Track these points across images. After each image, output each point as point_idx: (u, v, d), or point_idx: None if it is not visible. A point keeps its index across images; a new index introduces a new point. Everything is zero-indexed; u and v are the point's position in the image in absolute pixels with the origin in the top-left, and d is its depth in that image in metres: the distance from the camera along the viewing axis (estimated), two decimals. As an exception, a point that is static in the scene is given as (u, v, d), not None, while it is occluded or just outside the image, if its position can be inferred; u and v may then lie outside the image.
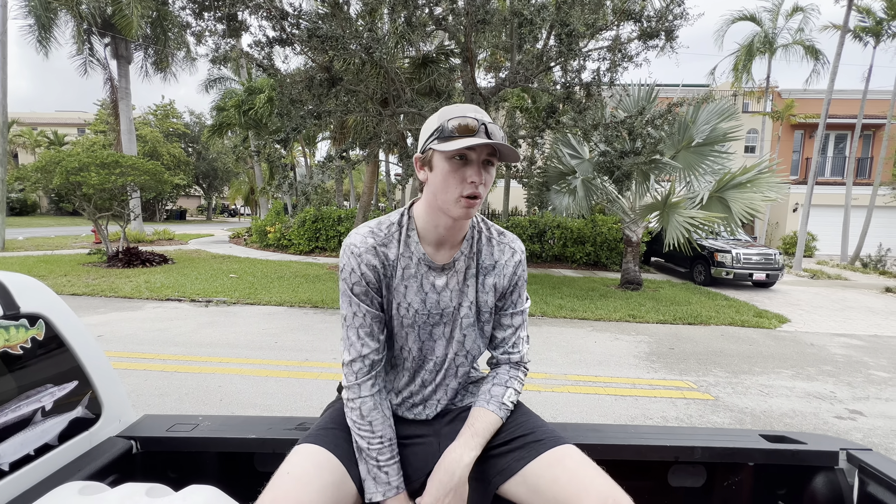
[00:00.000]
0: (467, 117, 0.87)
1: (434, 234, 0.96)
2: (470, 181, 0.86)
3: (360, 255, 0.92)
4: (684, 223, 6.89)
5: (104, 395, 1.06)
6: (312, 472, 0.82)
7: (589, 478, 0.82)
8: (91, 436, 1.01)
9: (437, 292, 0.97)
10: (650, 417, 3.05)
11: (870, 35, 13.24)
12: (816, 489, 1.08)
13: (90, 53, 13.94)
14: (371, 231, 0.95)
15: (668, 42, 5.93)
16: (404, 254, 0.96)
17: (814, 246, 17.12)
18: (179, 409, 2.94)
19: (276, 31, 6.13)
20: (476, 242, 1.01)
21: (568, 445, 0.90)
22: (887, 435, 2.93)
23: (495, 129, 0.88)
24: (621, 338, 5.06)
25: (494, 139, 0.85)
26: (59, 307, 1.01)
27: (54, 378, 0.95)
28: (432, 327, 0.99)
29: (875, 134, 18.43)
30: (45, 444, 0.90)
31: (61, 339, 0.98)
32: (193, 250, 11.92)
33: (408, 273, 0.96)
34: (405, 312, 0.96)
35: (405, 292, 0.96)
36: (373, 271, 0.93)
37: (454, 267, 0.98)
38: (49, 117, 34.96)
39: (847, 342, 5.29)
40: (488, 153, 0.88)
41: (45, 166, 8.03)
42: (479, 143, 0.83)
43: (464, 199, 0.87)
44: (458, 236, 0.98)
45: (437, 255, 0.97)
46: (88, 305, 5.65)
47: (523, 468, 0.87)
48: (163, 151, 26.05)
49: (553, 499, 0.82)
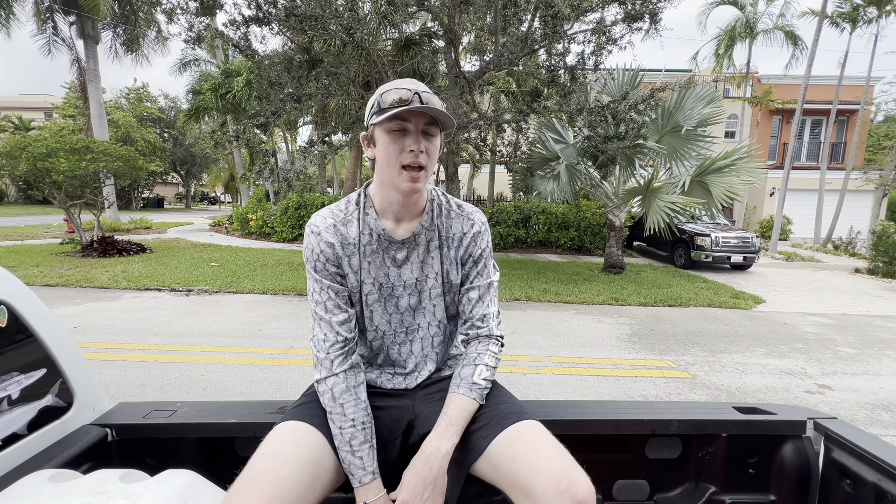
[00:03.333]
0: (401, 88, 0.88)
1: (390, 210, 0.97)
2: (409, 150, 0.88)
3: (320, 233, 0.96)
4: (665, 208, 7.00)
5: (75, 383, 1.03)
6: (288, 451, 0.81)
7: (545, 456, 0.80)
8: (63, 424, 0.98)
9: (397, 266, 0.99)
10: (631, 396, 3.13)
11: (846, 21, 13.47)
12: (785, 456, 1.12)
13: (54, 33, 13.23)
14: (331, 211, 0.99)
15: (653, 25, 5.93)
16: (364, 231, 0.98)
17: (789, 229, 17.67)
18: (161, 399, 2.89)
19: (252, 10, 5.90)
20: (436, 216, 1.01)
21: (530, 421, 0.88)
22: (852, 407, 3.08)
23: (431, 98, 0.88)
24: (604, 320, 5.16)
25: (429, 106, 0.86)
26: (23, 294, 0.97)
27: (20, 366, 0.92)
28: (398, 300, 1.00)
29: (849, 119, 18.92)
30: (13, 433, 0.87)
31: (26, 325, 0.95)
32: (172, 239, 11.62)
33: (370, 249, 0.98)
34: (370, 288, 0.98)
35: (369, 268, 0.98)
36: (331, 248, 0.96)
37: (415, 241, 0.99)
38: (13, 101, 33.22)
39: (818, 321, 5.51)
40: (426, 122, 0.89)
41: (10, 152, 7.65)
42: (407, 109, 0.84)
43: (405, 170, 0.89)
44: (415, 210, 0.99)
45: (398, 230, 0.99)
46: (63, 296, 5.48)
47: (488, 447, 0.86)
48: (137, 137, 25.10)
49: (512, 476, 0.81)
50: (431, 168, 0.92)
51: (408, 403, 1.01)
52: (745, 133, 17.68)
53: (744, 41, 15.63)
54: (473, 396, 0.92)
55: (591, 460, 1.14)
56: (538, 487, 0.76)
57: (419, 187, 0.91)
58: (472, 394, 0.92)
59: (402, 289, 1.00)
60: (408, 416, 1.00)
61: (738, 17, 15.56)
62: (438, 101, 0.90)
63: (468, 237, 1.01)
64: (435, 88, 6.15)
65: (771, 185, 17.98)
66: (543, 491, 0.75)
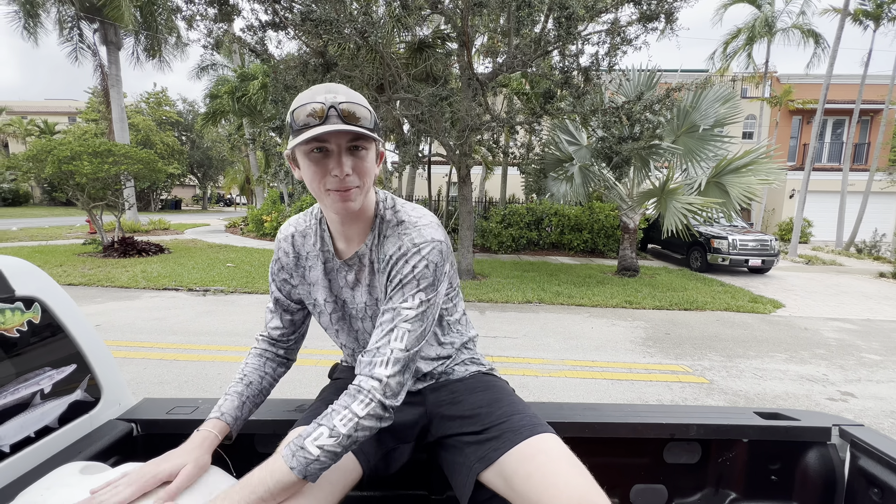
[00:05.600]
0: (313, 102, 0.75)
1: (334, 229, 0.92)
2: (332, 174, 0.77)
3: (280, 241, 1.00)
4: (682, 209, 6.89)
5: (103, 378, 1.06)
6: None
7: (564, 477, 0.75)
8: (91, 418, 1.01)
9: (350, 288, 0.94)
10: (646, 401, 3.09)
11: (870, 19, 13.11)
12: (809, 464, 1.10)
13: (80, 40, 13.65)
14: (296, 220, 1.00)
15: (668, 25, 5.85)
16: (322, 248, 0.95)
17: (809, 232, 17.22)
18: (179, 396, 2.95)
19: (269, 15, 6.00)
20: (379, 234, 0.90)
21: (545, 436, 0.84)
22: (878, 416, 2.98)
23: (352, 108, 0.76)
24: (618, 324, 5.10)
25: (350, 121, 0.76)
26: (55, 291, 1.00)
27: (52, 362, 0.95)
28: (360, 321, 0.96)
29: (873, 119, 18.39)
30: (46, 426, 0.90)
31: (58, 322, 0.98)
32: (189, 240, 11.86)
33: (328, 268, 0.95)
34: (333, 307, 0.98)
35: (329, 286, 0.96)
36: (286, 256, 0.98)
37: (360, 262, 0.91)
38: (39, 106, 34.36)
39: (840, 326, 5.35)
40: (350, 139, 0.77)
41: (36, 155, 7.92)
42: (323, 132, 0.73)
43: (332, 192, 0.79)
44: (358, 228, 0.89)
45: (347, 249, 0.92)
46: (85, 295, 5.63)
47: (500, 458, 0.83)
48: (156, 140, 25.73)
49: (526, 496, 0.77)
50: (368, 184, 0.82)
51: (420, 409, 1.00)
52: (763, 134, 17.31)
53: (762, 40, 15.32)
54: (292, 465, 0.71)
55: (608, 464, 1.13)
56: None
57: (353, 207, 0.81)
58: (292, 461, 0.71)
59: (356, 311, 0.95)
60: (422, 422, 1.00)
61: (756, 15, 15.27)
62: (364, 108, 0.78)
63: (394, 259, 0.85)
64: (448, 90, 6.16)
65: (791, 186, 17.55)
66: None
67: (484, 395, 0.98)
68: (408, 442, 0.98)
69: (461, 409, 0.96)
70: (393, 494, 1.15)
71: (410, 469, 1.04)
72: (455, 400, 0.99)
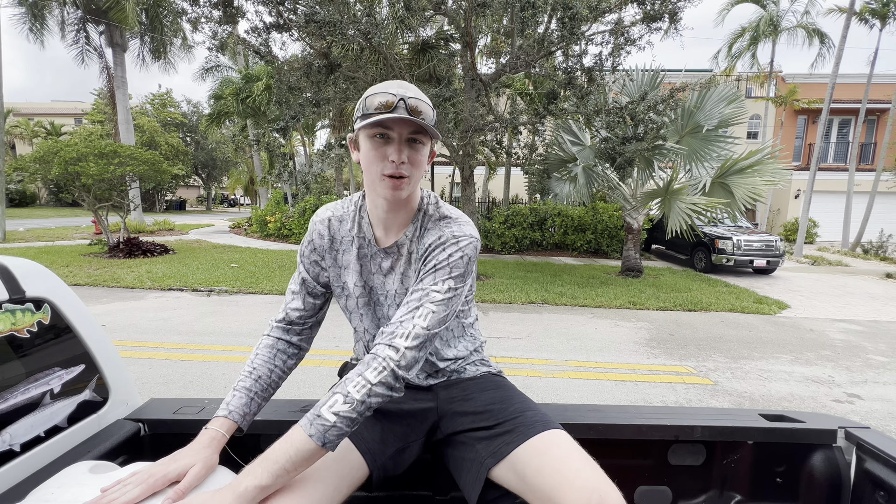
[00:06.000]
0: (386, 93, 0.83)
1: (376, 216, 0.96)
2: (390, 160, 0.84)
3: (315, 223, 1.01)
4: (686, 210, 6.86)
5: (111, 379, 1.07)
6: None
7: (575, 469, 0.77)
8: (99, 418, 1.02)
9: (383, 274, 0.98)
10: (650, 402, 3.08)
11: (876, 17, 13.01)
12: (814, 466, 1.09)
13: (86, 42, 13.77)
14: (333, 206, 1.02)
15: (673, 24, 5.83)
16: (358, 234, 0.98)
17: (815, 232, 17.10)
18: (185, 396, 2.97)
19: (273, 17, 6.03)
20: (421, 227, 0.96)
21: (557, 431, 0.86)
22: (884, 417, 2.96)
23: (419, 104, 0.83)
24: (622, 324, 5.08)
25: (415, 115, 0.82)
26: (64, 292, 1.01)
27: (61, 362, 0.96)
28: (375, 307, 1.00)
29: (879, 119, 18.25)
30: (55, 425, 0.91)
31: (67, 323, 0.99)
32: (194, 240, 11.93)
33: (361, 253, 0.98)
34: (359, 292, 0.99)
35: (360, 271, 0.99)
36: (320, 239, 1.00)
37: (398, 251, 0.96)
38: (45, 107, 34.66)
39: (846, 327, 5.32)
40: (412, 131, 0.84)
41: (43, 156, 7.99)
42: (389, 117, 0.80)
43: (387, 178, 0.85)
44: (401, 219, 0.95)
45: (386, 238, 0.97)
46: (91, 295, 5.68)
47: (511, 453, 0.84)
48: (161, 141, 25.88)
49: (538, 488, 0.78)
50: (417, 177, 0.88)
51: (431, 406, 1.02)
52: (768, 134, 17.22)
53: (766, 40, 15.25)
54: (311, 433, 0.73)
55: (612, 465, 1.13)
56: (568, 502, 0.74)
57: (401, 196, 0.87)
58: (310, 429, 0.73)
59: (384, 298, 0.98)
60: (432, 418, 1.01)
61: (761, 14, 15.19)
62: (428, 107, 0.86)
63: (432, 246, 0.91)
64: (451, 91, 6.17)
65: (796, 186, 17.44)
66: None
67: (495, 393, 1.00)
68: (417, 439, 0.99)
69: (473, 405, 0.98)
70: (398, 495, 1.15)
71: (415, 470, 1.04)
72: (467, 397, 1.00)
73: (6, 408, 0.83)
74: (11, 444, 0.82)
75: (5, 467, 0.80)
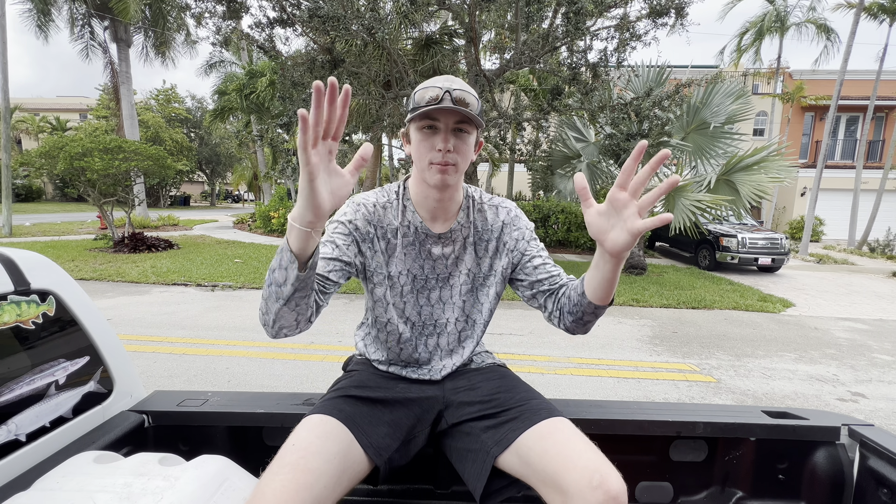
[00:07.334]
0: (433, 87, 0.88)
1: (425, 206, 0.99)
2: (437, 149, 0.89)
3: (361, 204, 0.98)
4: (691, 207, 6.83)
5: (115, 370, 1.08)
6: (317, 443, 0.83)
7: (577, 451, 0.80)
8: (104, 409, 1.03)
9: (432, 259, 1.01)
10: (652, 399, 3.08)
11: (885, 13, 12.84)
12: (817, 463, 1.09)
13: (91, 37, 13.81)
14: (371, 193, 1.02)
15: (679, 20, 5.78)
16: (402, 223, 1.00)
17: (821, 230, 16.98)
18: (189, 389, 3.00)
19: (277, 12, 6.02)
20: (471, 213, 1.03)
21: (560, 418, 0.89)
22: (889, 416, 2.95)
23: (464, 96, 0.88)
24: (624, 322, 5.07)
25: (459, 105, 0.86)
26: (69, 284, 1.02)
27: (66, 353, 0.97)
28: (429, 292, 1.02)
29: (888, 116, 18.04)
30: (60, 416, 0.92)
31: (72, 315, 1.00)
32: (198, 236, 11.98)
33: (406, 241, 1.00)
34: (404, 279, 1.00)
35: (405, 259, 0.99)
36: (365, 225, 0.97)
37: (452, 236, 1.01)
38: (51, 103, 34.80)
39: (851, 326, 5.28)
40: (457, 120, 0.89)
41: (48, 152, 8.03)
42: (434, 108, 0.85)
43: (435, 165, 0.90)
44: (450, 207, 1.00)
45: (435, 225, 1.01)
46: (96, 290, 5.72)
47: (517, 439, 0.87)
48: (165, 137, 25.94)
49: (542, 471, 0.81)
50: (463, 165, 0.93)
51: (437, 394, 1.03)
52: (774, 130, 17.07)
53: (773, 35, 15.08)
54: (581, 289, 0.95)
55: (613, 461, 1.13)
56: (570, 482, 0.76)
57: (449, 181, 0.91)
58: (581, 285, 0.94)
59: (434, 281, 1.02)
60: (437, 407, 1.02)
61: (767, 9, 15.03)
62: (474, 98, 0.90)
63: (507, 223, 1.03)
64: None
65: (802, 184, 17.30)
66: (575, 486, 0.75)
67: (501, 382, 1.02)
68: (423, 430, 0.99)
69: (478, 394, 1.00)
70: (399, 489, 1.16)
71: (417, 464, 1.04)
72: (472, 386, 1.02)
73: (12, 398, 0.83)
74: (17, 434, 0.83)
75: (11, 457, 0.81)
